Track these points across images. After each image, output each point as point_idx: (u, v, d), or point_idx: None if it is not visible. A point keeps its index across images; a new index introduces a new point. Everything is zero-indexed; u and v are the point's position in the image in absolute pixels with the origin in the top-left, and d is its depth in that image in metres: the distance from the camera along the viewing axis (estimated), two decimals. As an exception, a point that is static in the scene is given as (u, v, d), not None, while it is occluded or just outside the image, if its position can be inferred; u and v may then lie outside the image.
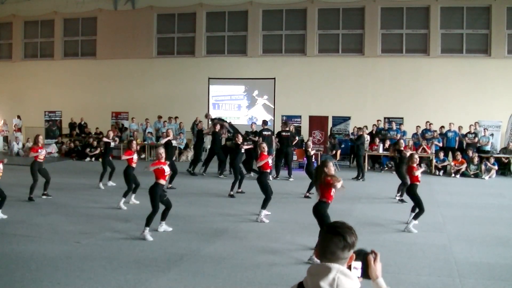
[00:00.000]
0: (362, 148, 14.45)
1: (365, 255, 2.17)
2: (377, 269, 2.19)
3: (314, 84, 19.66)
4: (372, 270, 2.17)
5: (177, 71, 21.08)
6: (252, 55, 20.51)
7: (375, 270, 2.18)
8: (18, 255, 6.10)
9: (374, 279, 2.19)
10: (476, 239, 7.22)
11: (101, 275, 5.38)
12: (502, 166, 15.03)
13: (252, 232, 7.53)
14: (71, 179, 12.89)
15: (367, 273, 2.17)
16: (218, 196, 10.64)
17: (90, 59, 22.42)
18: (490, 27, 18.38)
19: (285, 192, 11.17)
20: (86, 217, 8.37)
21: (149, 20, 21.57)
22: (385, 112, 17.73)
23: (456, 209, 9.57)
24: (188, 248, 6.56)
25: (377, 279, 2.19)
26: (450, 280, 5.48)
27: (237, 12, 20.73)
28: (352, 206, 9.54)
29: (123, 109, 20.19)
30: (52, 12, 22.48)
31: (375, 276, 2.18)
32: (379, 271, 2.20)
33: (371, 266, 2.17)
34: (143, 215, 7.81)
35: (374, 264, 2.18)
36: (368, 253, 2.19)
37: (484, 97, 17.88)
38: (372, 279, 2.19)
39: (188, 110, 19.14)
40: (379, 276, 2.20)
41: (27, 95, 22.64)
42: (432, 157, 15.10)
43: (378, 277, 2.19)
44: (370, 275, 2.18)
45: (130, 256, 6.14)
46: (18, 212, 8.54)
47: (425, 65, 18.88)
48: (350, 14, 19.75)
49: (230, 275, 5.51)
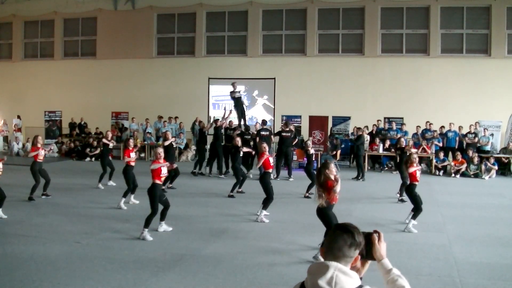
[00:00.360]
0: (362, 148, 14.46)
1: (368, 235, 2.10)
2: (382, 248, 2.12)
3: (314, 84, 19.66)
4: (376, 250, 2.10)
5: (177, 71, 21.08)
6: (252, 55, 20.51)
7: (379, 250, 2.11)
8: (18, 255, 6.10)
9: (379, 259, 2.12)
10: (476, 239, 7.22)
11: (101, 275, 5.38)
12: (502, 166, 15.03)
13: (252, 232, 7.53)
14: (71, 179, 12.88)
15: (371, 253, 2.10)
16: (218, 196, 10.64)
17: (90, 59, 22.42)
18: (490, 27, 18.39)
19: (285, 192, 11.16)
20: (86, 217, 8.37)
21: (149, 20, 21.57)
22: (385, 112, 17.74)
23: (456, 209, 9.57)
24: (188, 248, 6.56)
25: (383, 260, 2.12)
26: (450, 280, 5.48)
27: (237, 12, 20.73)
28: (352, 206, 9.53)
29: (123, 109, 20.20)
30: (52, 12, 22.49)
31: (380, 256, 2.12)
32: (384, 251, 2.13)
33: (376, 245, 2.10)
34: (143, 215, 7.79)
35: (379, 244, 2.11)
36: (372, 233, 2.12)
37: (484, 97, 17.89)
38: (377, 259, 2.12)
39: (188, 110, 19.15)
40: (384, 256, 2.13)
41: (27, 95, 22.64)
42: (432, 157, 15.10)
43: (383, 258, 2.12)
44: (374, 255, 2.11)
45: (130, 256, 6.14)
46: (18, 212, 8.54)
47: (425, 65, 18.88)
48: (350, 14, 19.76)
49: (230, 275, 5.51)
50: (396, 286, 2.09)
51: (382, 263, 2.14)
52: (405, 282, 2.10)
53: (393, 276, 2.12)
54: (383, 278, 2.16)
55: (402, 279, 2.11)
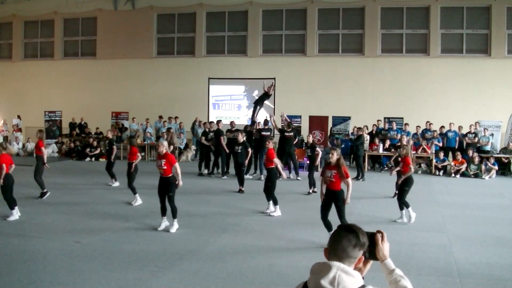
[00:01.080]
0: (362, 148, 14.44)
1: (372, 235, 2.08)
2: (385, 249, 2.10)
3: (314, 84, 19.65)
4: (379, 250, 2.08)
5: (177, 71, 21.08)
6: (252, 55, 20.50)
7: (382, 250, 2.09)
8: (18, 255, 6.10)
9: (382, 259, 2.10)
10: (476, 239, 7.22)
11: (101, 275, 5.38)
12: (502, 166, 15.03)
13: (252, 232, 7.53)
14: (71, 179, 12.88)
15: (374, 253, 2.08)
16: (218, 196, 10.64)
17: (90, 59, 22.42)
18: (490, 27, 18.38)
19: (286, 191, 11.16)
20: (86, 217, 8.37)
21: (149, 20, 21.57)
22: (385, 112, 17.74)
23: (456, 209, 9.57)
24: (188, 248, 6.56)
25: (386, 260, 2.11)
26: (450, 280, 5.48)
27: (237, 12, 20.73)
28: (352, 206, 9.49)
29: (123, 109, 20.20)
30: (52, 12, 22.48)
31: (383, 257, 2.10)
32: (387, 251, 2.11)
33: (379, 245, 2.08)
34: (143, 215, 7.82)
35: (382, 244, 2.09)
36: (375, 233, 2.10)
37: (484, 97, 17.89)
38: (380, 259, 2.11)
39: (188, 110, 19.16)
40: (387, 256, 2.11)
41: (27, 95, 22.63)
42: (432, 157, 15.09)
43: (386, 258, 2.10)
44: (377, 256, 2.09)
45: (130, 256, 6.14)
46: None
47: (425, 65, 18.88)
48: (350, 14, 19.75)
49: (230, 275, 5.51)
50: (399, 287, 2.09)
51: (385, 263, 2.12)
52: (407, 283, 2.10)
53: (396, 277, 2.12)
54: (386, 279, 2.16)
55: (405, 279, 2.11)
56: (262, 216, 8.67)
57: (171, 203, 7.46)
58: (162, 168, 7.47)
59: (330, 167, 6.77)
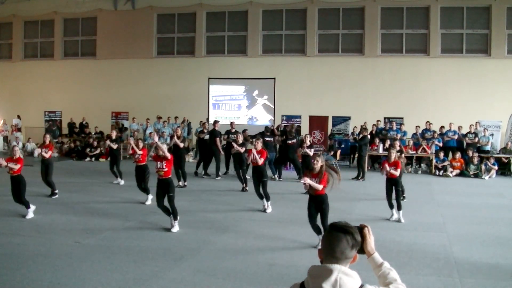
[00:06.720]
0: (365, 148, 14.40)
1: (360, 229, 2.08)
2: (372, 242, 2.10)
3: (314, 84, 19.66)
4: (368, 244, 2.08)
5: (177, 71, 21.09)
6: (252, 55, 20.51)
7: (370, 244, 2.09)
8: (18, 255, 6.09)
9: (370, 253, 2.11)
10: (476, 239, 7.22)
11: (101, 275, 5.38)
12: (502, 166, 15.03)
13: (252, 232, 7.53)
14: (71, 179, 12.88)
15: (362, 248, 2.07)
16: (218, 196, 10.64)
17: (90, 59, 22.43)
18: (490, 27, 18.39)
19: (286, 191, 11.16)
20: (86, 216, 8.37)
21: (149, 20, 21.57)
22: (385, 112, 17.74)
23: (456, 209, 9.57)
24: (188, 247, 6.56)
25: (374, 254, 2.11)
26: (450, 280, 5.47)
27: (237, 12, 20.74)
28: (352, 206, 9.54)
29: (123, 109, 20.21)
30: (52, 12, 22.49)
31: (371, 250, 2.10)
32: (373, 245, 2.11)
33: (367, 239, 2.07)
34: (143, 215, 7.82)
35: (369, 237, 2.09)
36: (363, 227, 2.10)
37: (484, 97, 17.89)
38: (368, 254, 2.11)
39: (188, 110, 19.16)
40: (374, 250, 2.11)
41: (27, 95, 22.64)
42: (432, 157, 15.09)
43: (374, 251, 2.11)
44: (365, 250, 2.09)
45: (130, 255, 6.14)
46: (18, 212, 8.54)
47: (425, 65, 18.88)
48: (350, 14, 19.76)
49: (230, 275, 5.51)
50: (388, 280, 2.09)
51: (373, 258, 2.12)
52: (396, 275, 2.11)
53: (384, 270, 2.12)
54: (374, 273, 2.16)
55: (393, 272, 2.12)
56: (262, 216, 8.67)
57: (172, 204, 7.43)
58: (163, 170, 7.40)
59: (314, 174, 6.51)
